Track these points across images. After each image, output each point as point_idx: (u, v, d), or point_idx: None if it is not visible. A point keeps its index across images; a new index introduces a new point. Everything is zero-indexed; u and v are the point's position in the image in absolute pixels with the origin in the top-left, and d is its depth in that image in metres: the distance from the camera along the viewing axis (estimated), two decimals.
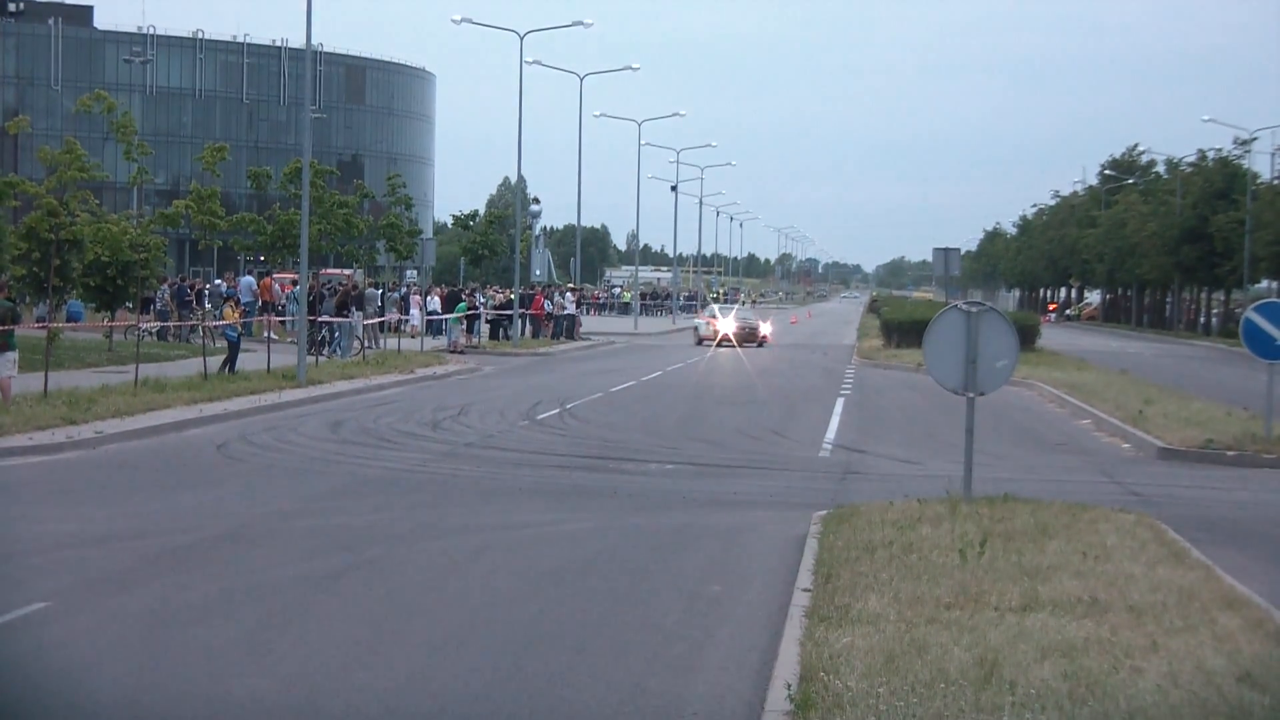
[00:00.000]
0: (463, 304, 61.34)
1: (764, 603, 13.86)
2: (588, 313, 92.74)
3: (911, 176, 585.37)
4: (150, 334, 50.95)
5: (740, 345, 68.97)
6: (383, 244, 53.78)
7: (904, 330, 62.32)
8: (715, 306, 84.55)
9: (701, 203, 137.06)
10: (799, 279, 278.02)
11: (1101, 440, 30.79)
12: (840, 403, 38.07)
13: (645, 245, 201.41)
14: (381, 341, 54.19)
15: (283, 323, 55.33)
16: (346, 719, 10.17)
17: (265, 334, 44.15)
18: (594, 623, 13.20)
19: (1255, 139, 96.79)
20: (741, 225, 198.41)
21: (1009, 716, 9.36)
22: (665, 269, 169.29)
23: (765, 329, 72.92)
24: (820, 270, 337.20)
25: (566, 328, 70.98)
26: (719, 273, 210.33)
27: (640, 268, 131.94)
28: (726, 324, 70.83)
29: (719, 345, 68.17)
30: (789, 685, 10.21)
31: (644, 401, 37.51)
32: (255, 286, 59.04)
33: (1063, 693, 9.86)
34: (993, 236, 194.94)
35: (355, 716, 10.21)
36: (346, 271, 69.62)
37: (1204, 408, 33.30)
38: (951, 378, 18.21)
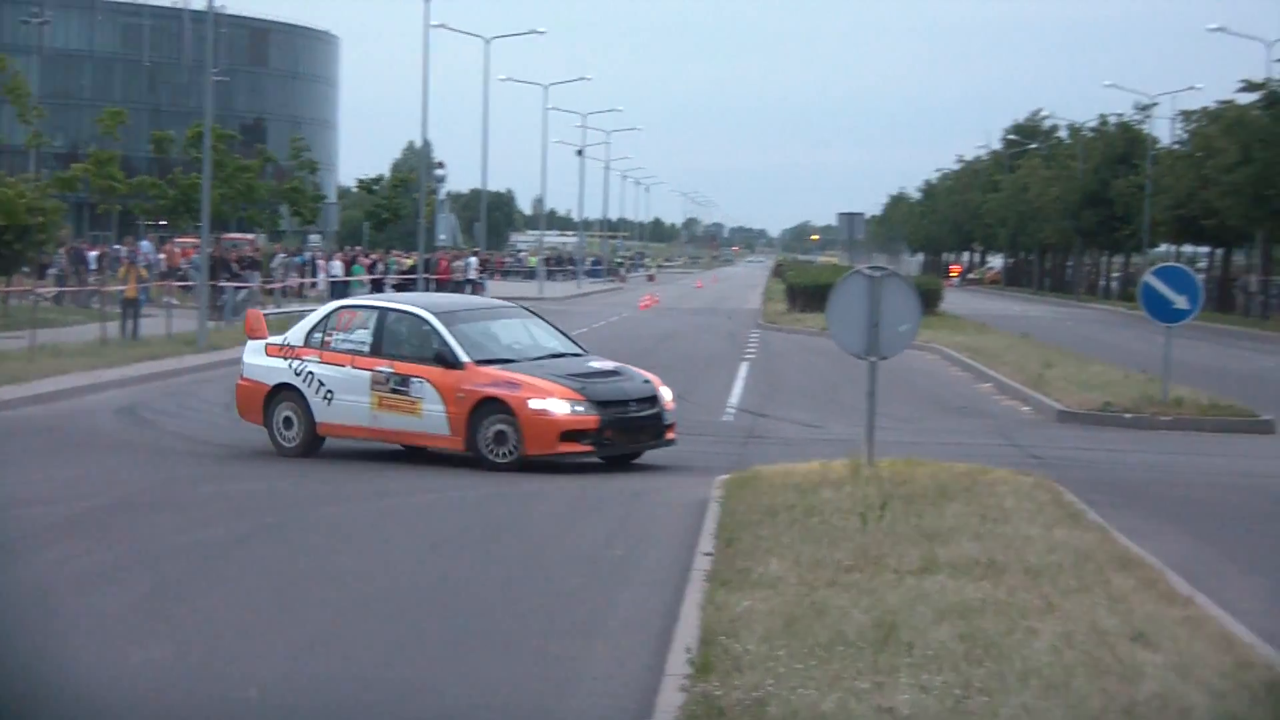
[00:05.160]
0: (358, 268, 60.97)
1: (665, 567, 13.88)
2: (492, 277, 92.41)
3: (818, 141, 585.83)
4: (47, 299, 50.34)
5: None
6: (286, 208, 53.34)
7: (808, 294, 62.49)
8: None
9: (608, 167, 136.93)
10: (704, 243, 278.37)
11: (1002, 403, 31.05)
12: (744, 367, 38.17)
13: (551, 210, 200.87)
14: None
15: (184, 288, 54.80)
16: (245, 685, 10.11)
17: (165, 299, 43.70)
18: (496, 587, 13.20)
19: (1156, 104, 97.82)
20: (648, 189, 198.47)
21: (906, 678, 9.42)
22: (571, 233, 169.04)
23: None
24: (726, 234, 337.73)
25: (471, 292, 70.74)
26: (625, 237, 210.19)
27: (546, 232, 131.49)
28: None
29: None
30: (689, 649, 10.24)
31: None
32: (154, 251, 58.39)
33: (959, 654, 9.94)
34: (897, 201, 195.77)
35: (254, 683, 10.15)
36: (249, 236, 69.03)
37: (1103, 371, 33.63)
38: (854, 342, 18.29)
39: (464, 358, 20.61)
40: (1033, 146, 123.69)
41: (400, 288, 65.92)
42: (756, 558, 12.98)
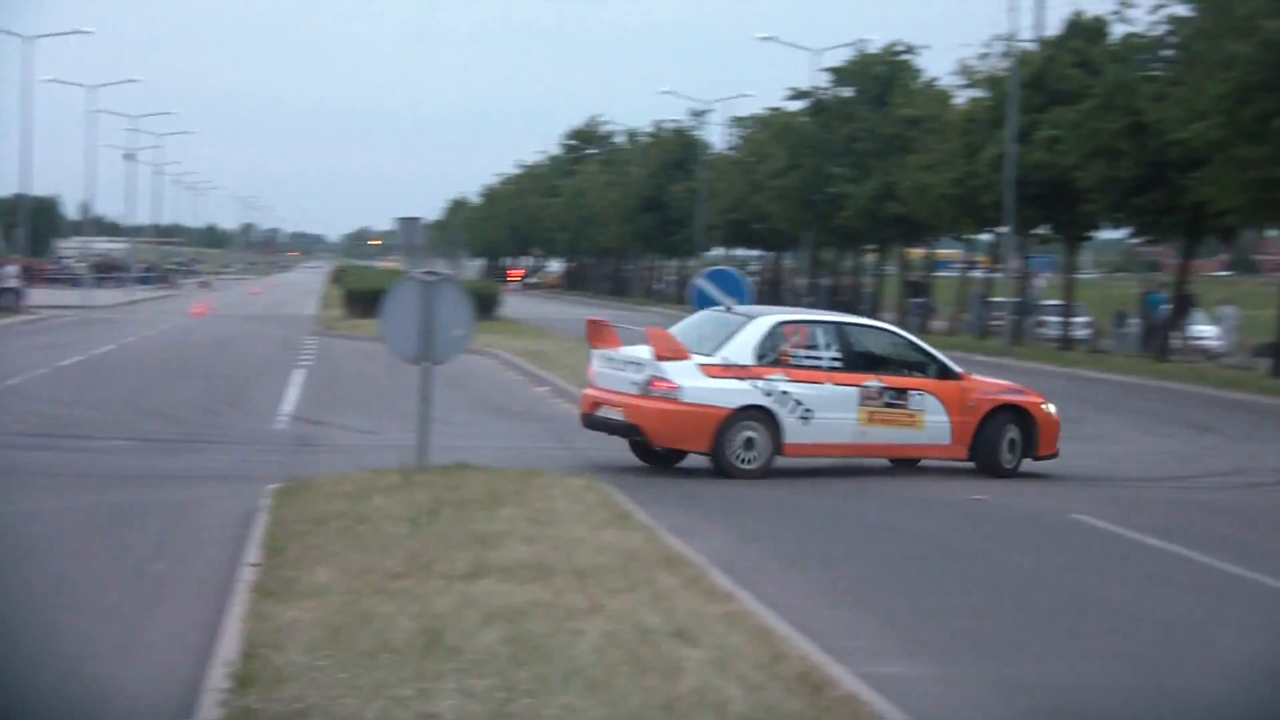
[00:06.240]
0: None
1: (210, 579, 13.52)
2: (33, 285, 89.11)
3: (378, 145, 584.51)
4: None
5: None
6: None
7: (366, 300, 62.01)
8: None
9: (160, 171, 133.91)
10: (261, 249, 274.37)
11: (558, 406, 31.34)
12: (299, 374, 37.62)
13: (100, 216, 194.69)
14: None
15: None
16: None
17: None
18: (27, 608, 12.64)
19: (709, 110, 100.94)
20: (202, 194, 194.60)
21: (451, 683, 9.38)
22: (122, 240, 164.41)
23: None
24: (284, 239, 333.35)
25: (14, 301, 68.18)
26: (180, 243, 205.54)
27: (94, 239, 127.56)
28: None
29: None
30: (229, 662, 9.98)
31: (94, 376, 36.24)
32: None
33: (505, 657, 9.96)
34: (458, 206, 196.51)
35: None
36: None
37: None
38: (407, 347, 18.27)
39: (957, 368, 21.49)
40: (591, 151, 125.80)
41: None
42: (304, 567, 12.76)
